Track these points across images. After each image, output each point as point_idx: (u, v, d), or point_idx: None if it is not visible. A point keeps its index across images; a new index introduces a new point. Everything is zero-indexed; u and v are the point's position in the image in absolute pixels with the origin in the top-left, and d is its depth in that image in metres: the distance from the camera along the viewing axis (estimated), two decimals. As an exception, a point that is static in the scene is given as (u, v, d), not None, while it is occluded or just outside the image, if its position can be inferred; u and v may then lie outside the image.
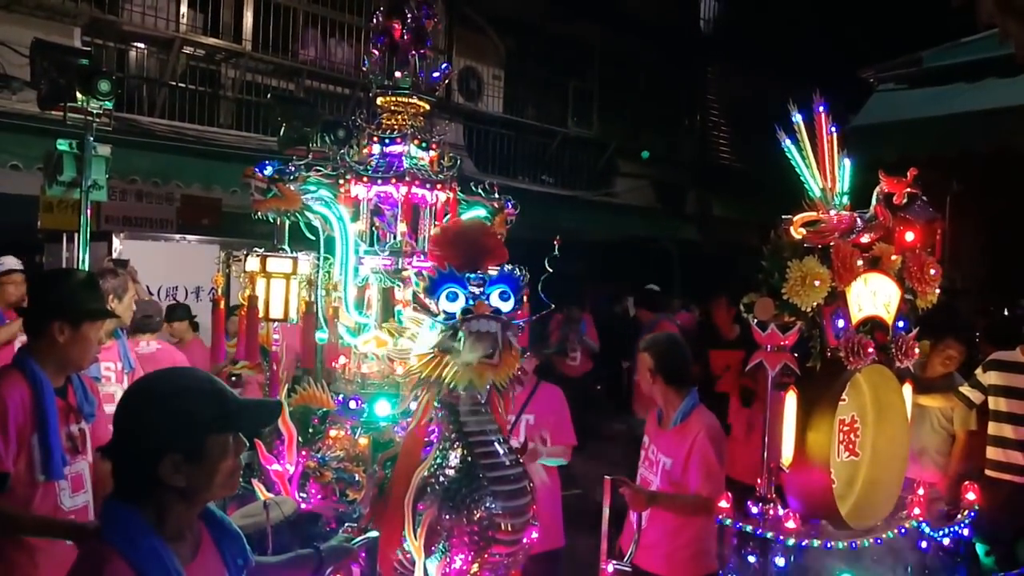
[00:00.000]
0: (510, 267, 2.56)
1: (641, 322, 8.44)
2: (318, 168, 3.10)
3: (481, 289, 2.47)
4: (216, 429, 1.57)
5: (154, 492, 1.55)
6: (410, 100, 3.17)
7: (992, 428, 4.67)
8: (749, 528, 3.44)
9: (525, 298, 2.65)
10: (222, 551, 1.71)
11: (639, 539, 3.51)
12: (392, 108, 3.19)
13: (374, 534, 2.48)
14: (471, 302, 2.44)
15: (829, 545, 3.59)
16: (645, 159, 14.49)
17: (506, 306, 2.49)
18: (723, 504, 3.43)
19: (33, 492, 2.67)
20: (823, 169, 3.78)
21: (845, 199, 3.83)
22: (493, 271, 2.53)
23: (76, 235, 6.01)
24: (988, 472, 4.64)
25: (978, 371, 4.74)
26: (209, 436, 1.56)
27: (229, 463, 1.61)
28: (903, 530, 3.93)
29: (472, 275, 2.47)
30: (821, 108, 3.76)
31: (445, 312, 2.43)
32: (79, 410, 2.84)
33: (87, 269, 5.49)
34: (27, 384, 2.65)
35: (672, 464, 3.47)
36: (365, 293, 3.16)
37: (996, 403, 4.63)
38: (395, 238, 3.13)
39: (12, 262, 5.36)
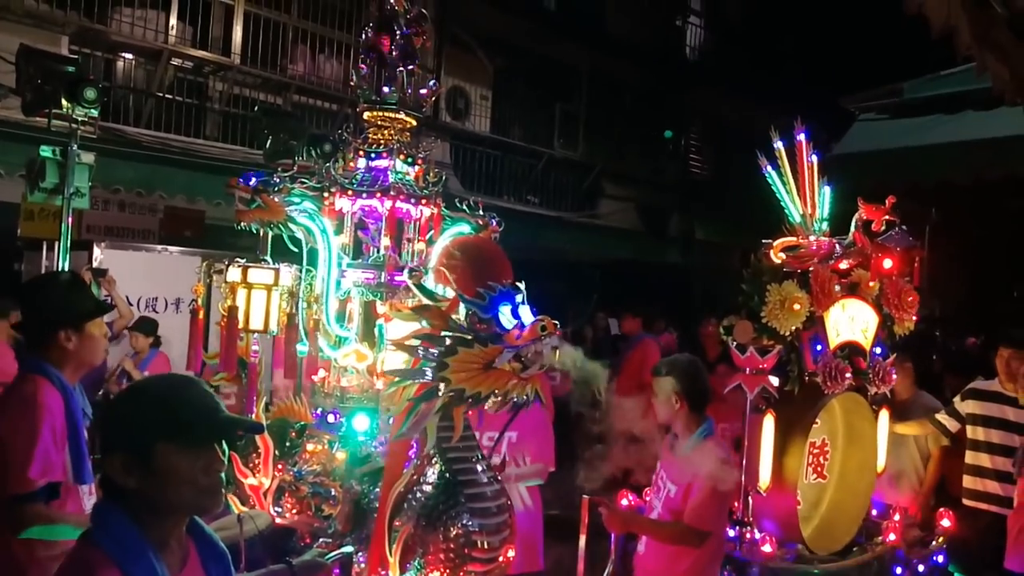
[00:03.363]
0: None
1: (624, 334, 8.42)
2: (303, 180, 3.10)
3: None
4: (165, 438, 1.54)
5: (120, 493, 1.55)
6: (397, 115, 3.18)
7: (969, 457, 4.69)
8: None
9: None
10: (207, 569, 1.69)
11: (618, 560, 3.50)
12: (379, 123, 3.21)
13: (348, 549, 2.46)
14: (521, 319, 2.37)
15: (804, 569, 3.60)
16: (668, 138, 14.91)
17: None
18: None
19: (67, 497, 2.69)
20: (804, 195, 3.84)
21: (825, 225, 3.89)
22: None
23: (56, 243, 5.96)
24: (965, 501, 4.66)
25: (956, 399, 4.78)
26: (158, 443, 1.53)
27: (189, 476, 1.55)
28: (878, 555, 3.95)
29: (520, 292, 2.42)
30: (802, 136, 3.83)
31: (502, 327, 2.36)
32: (85, 413, 2.85)
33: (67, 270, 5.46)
34: (59, 393, 2.68)
35: (676, 492, 3.26)
36: (347, 306, 3.15)
37: (974, 432, 4.66)
38: (378, 252, 3.13)
39: None
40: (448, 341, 2.33)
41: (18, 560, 2.58)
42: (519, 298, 2.40)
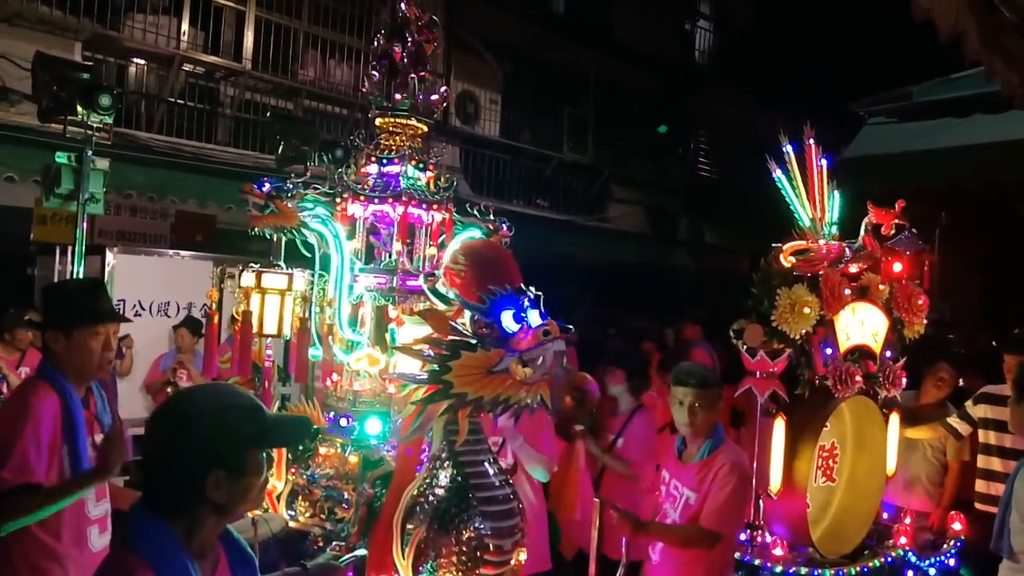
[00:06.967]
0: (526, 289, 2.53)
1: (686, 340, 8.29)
2: (316, 186, 3.13)
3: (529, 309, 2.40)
4: (254, 445, 1.56)
5: (192, 507, 1.54)
6: (408, 121, 3.22)
7: (981, 461, 4.68)
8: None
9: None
10: (235, 575, 1.70)
11: (628, 563, 3.50)
12: (391, 129, 3.24)
13: (362, 552, 2.48)
14: (526, 323, 2.37)
15: (816, 572, 3.60)
16: (663, 133, 14.93)
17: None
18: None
19: None
20: (813, 199, 3.85)
21: (834, 229, 3.89)
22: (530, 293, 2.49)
23: (69, 248, 6.01)
24: (977, 505, 4.65)
25: (968, 403, 4.76)
26: (249, 452, 1.56)
27: (262, 479, 1.60)
28: (889, 558, 3.94)
29: (525, 296, 2.41)
30: (812, 140, 3.84)
31: (504, 332, 2.36)
32: (99, 420, 2.85)
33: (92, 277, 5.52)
34: (56, 396, 2.68)
35: (696, 499, 3.19)
36: (359, 311, 3.18)
37: (986, 436, 4.65)
38: (390, 257, 3.16)
39: None
40: (451, 345, 2.34)
41: (12, 560, 2.59)
42: (524, 302, 2.40)
